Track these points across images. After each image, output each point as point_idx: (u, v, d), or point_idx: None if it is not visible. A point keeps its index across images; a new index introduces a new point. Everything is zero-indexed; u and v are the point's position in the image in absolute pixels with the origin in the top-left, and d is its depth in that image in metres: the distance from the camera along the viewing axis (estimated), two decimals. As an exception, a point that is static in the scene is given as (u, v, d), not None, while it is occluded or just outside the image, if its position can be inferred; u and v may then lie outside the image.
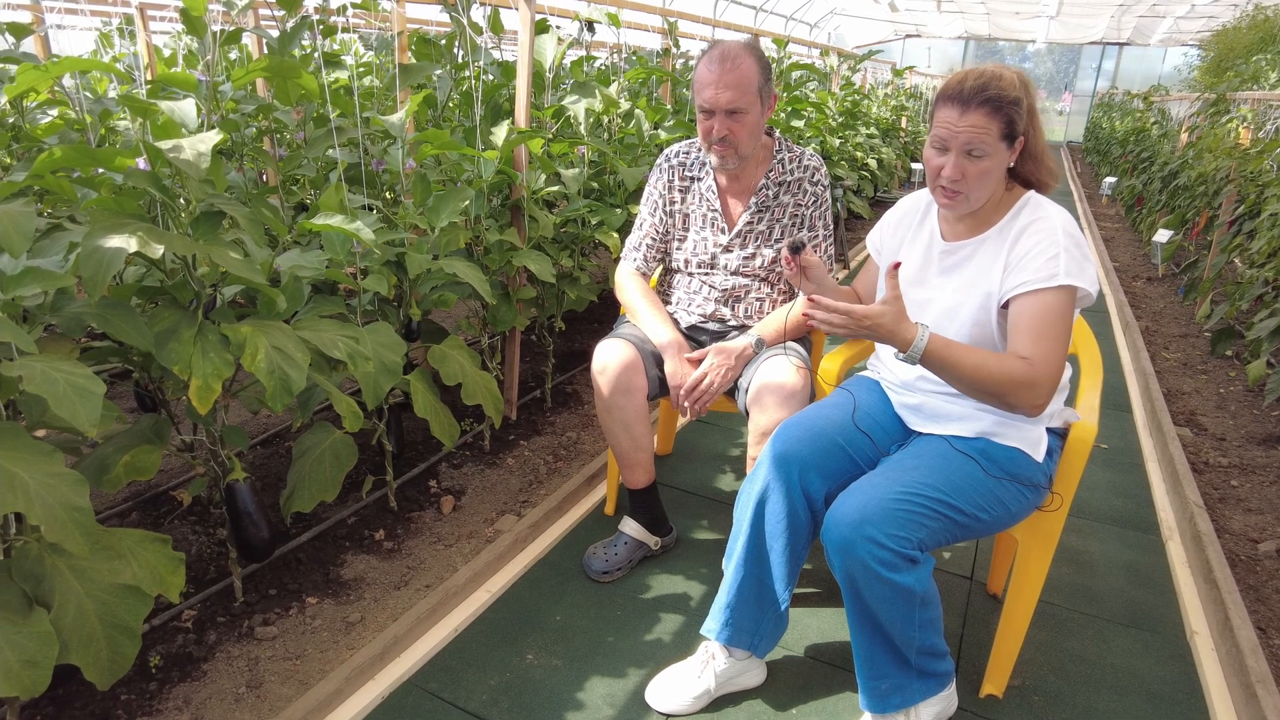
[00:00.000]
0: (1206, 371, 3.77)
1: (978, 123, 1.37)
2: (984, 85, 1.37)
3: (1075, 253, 1.39)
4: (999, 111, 1.37)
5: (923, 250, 1.61)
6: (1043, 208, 1.46)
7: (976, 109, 1.37)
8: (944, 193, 1.45)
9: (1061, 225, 1.41)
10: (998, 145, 1.39)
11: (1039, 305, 1.38)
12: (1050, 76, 25.87)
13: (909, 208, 1.69)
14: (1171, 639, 1.89)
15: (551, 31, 2.70)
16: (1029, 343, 1.37)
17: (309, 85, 1.78)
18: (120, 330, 1.38)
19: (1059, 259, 1.37)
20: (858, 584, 1.36)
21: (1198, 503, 2.40)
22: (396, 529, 2.18)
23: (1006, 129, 1.38)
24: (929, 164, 1.45)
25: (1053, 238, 1.40)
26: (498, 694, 1.64)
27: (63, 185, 1.41)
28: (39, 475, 1.15)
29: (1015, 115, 1.38)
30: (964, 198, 1.43)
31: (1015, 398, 1.36)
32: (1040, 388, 1.35)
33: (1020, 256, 1.42)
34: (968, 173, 1.40)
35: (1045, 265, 1.38)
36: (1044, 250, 1.39)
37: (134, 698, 1.57)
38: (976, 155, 1.39)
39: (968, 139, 1.38)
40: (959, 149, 1.39)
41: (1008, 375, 1.35)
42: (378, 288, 1.91)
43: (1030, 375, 1.35)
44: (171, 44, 4.72)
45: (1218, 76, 11.53)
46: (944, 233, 1.58)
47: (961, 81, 1.39)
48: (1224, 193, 4.80)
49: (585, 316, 4.06)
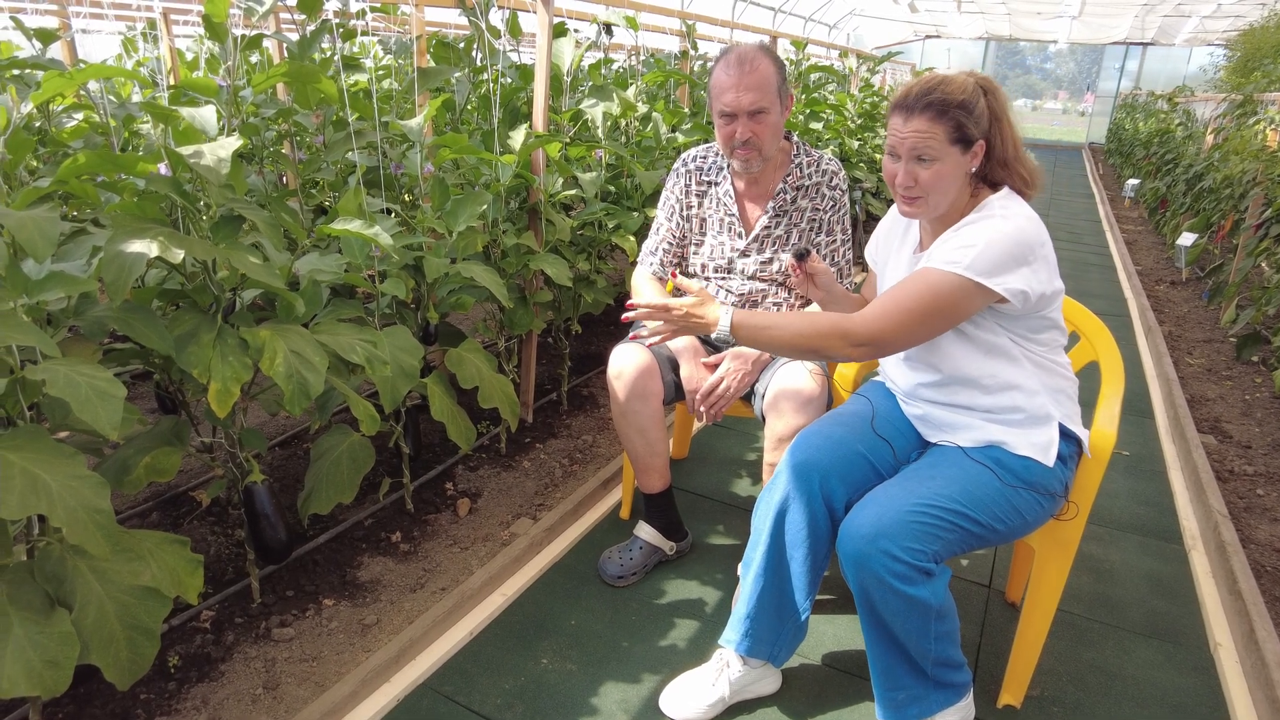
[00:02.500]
0: (1231, 378, 3.71)
1: (920, 127, 1.37)
2: (928, 90, 1.37)
3: (997, 251, 1.33)
4: (944, 115, 1.36)
5: (907, 260, 1.59)
6: (992, 206, 1.42)
7: (920, 114, 1.37)
8: (902, 199, 1.45)
9: (1007, 225, 1.36)
10: (947, 149, 1.37)
11: (920, 278, 1.37)
12: (1072, 77, 25.62)
13: (897, 217, 1.68)
14: (1194, 650, 1.86)
15: (569, 35, 2.70)
16: (877, 302, 1.39)
17: (328, 89, 1.80)
18: (141, 334, 1.39)
19: (971, 250, 1.34)
20: (873, 597, 1.35)
21: (1222, 512, 2.36)
22: (413, 531, 2.19)
23: (955, 132, 1.37)
24: (885, 172, 1.45)
25: (982, 233, 1.36)
26: (512, 698, 1.65)
27: (87, 189, 1.43)
28: (61, 478, 1.16)
29: (963, 119, 1.36)
30: (923, 201, 1.42)
31: (829, 347, 1.38)
32: (854, 334, 1.36)
33: (943, 240, 1.41)
34: (919, 178, 1.39)
35: (954, 251, 1.35)
36: (963, 239, 1.37)
37: (153, 697, 1.58)
38: (925, 160, 1.38)
39: (913, 144, 1.38)
40: (907, 155, 1.39)
41: (816, 329, 1.39)
42: (395, 291, 1.92)
43: (842, 326, 1.37)
44: (194, 48, 4.76)
45: (1244, 77, 11.37)
46: (922, 240, 1.57)
47: (908, 90, 1.40)
48: (1251, 195, 4.72)
49: (601, 319, 4.06)
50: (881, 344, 1.38)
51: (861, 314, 1.38)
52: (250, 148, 2.44)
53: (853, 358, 1.40)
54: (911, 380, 1.58)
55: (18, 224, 1.15)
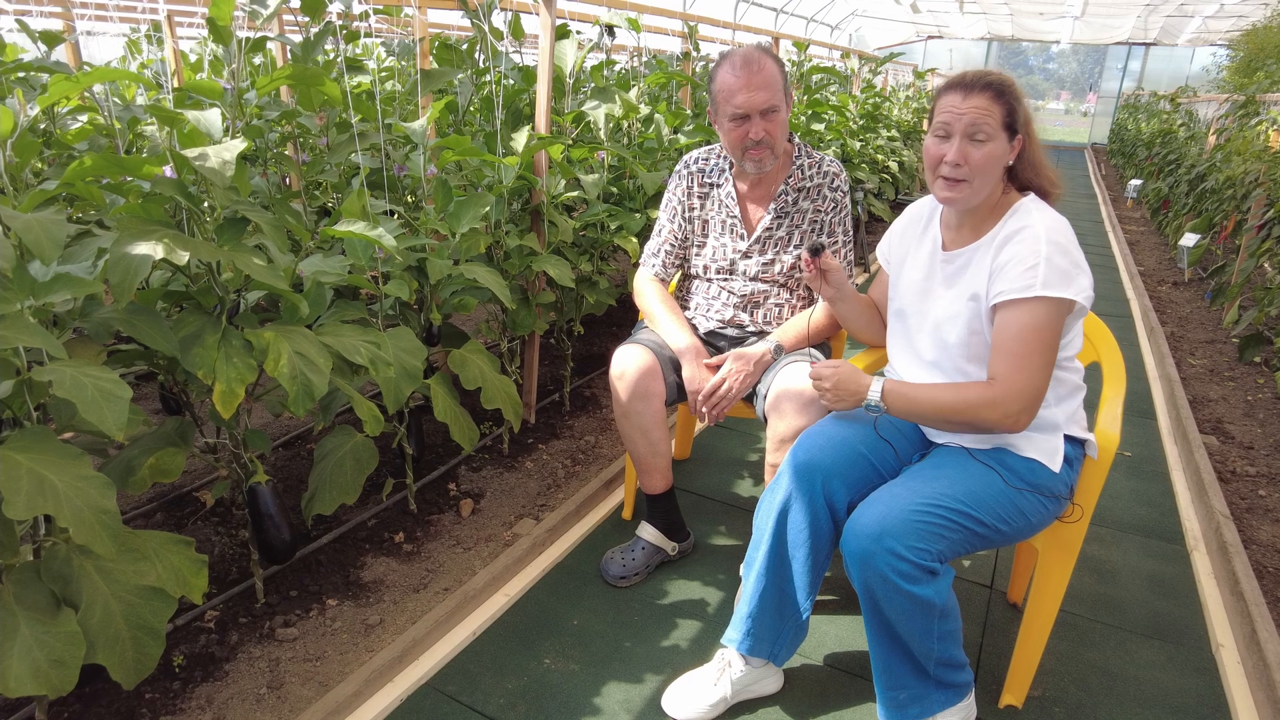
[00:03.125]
0: (1234, 378, 3.71)
1: (981, 104, 1.39)
2: (985, 74, 1.43)
3: (1059, 261, 1.37)
4: (1001, 97, 1.40)
5: (926, 260, 1.60)
6: (1031, 214, 1.43)
7: (980, 92, 1.40)
8: (945, 183, 1.44)
9: (1046, 233, 1.39)
10: (999, 133, 1.40)
11: (1013, 319, 1.38)
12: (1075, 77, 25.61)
13: (913, 216, 1.68)
14: (1196, 651, 1.87)
15: (572, 36, 2.71)
16: (997, 359, 1.39)
17: (332, 92, 1.80)
18: (146, 335, 1.40)
19: (1038, 269, 1.36)
20: (876, 596, 1.35)
21: (1224, 512, 2.37)
22: (416, 532, 2.19)
23: (1008, 117, 1.40)
24: (929, 155, 1.45)
25: (1034, 246, 1.38)
26: (515, 698, 1.65)
27: (92, 192, 1.44)
28: (68, 478, 1.17)
29: (1015, 105, 1.41)
30: (967, 185, 1.42)
31: (982, 419, 1.39)
32: (1005, 404, 1.37)
33: (1003, 264, 1.41)
34: (971, 157, 1.40)
35: (1023, 275, 1.37)
36: (1024, 259, 1.38)
37: (158, 696, 1.59)
38: (980, 139, 1.40)
39: (972, 119, 1.39)
40: (963, 132, 1.40)
41: (965, 402, 1.40)
42: (399, 293, 1.92)
43: (988, 395, 1.37)
44: (198, 49, 4.78)
45: (1247, 77, 11.35)
46: (945, 241, 1.57)
47: (962, 74, 1.44)
48: (1253, 196, 4.72)
49: (604, 320, 4.07)
50: (1034, 399, 1.38)
51: (996, 382, 1.38)
52: (254, 150, 2.45)
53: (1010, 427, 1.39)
54: (926, 382, 1.58)
55: (24, 226, 1.16)
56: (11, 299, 1.20)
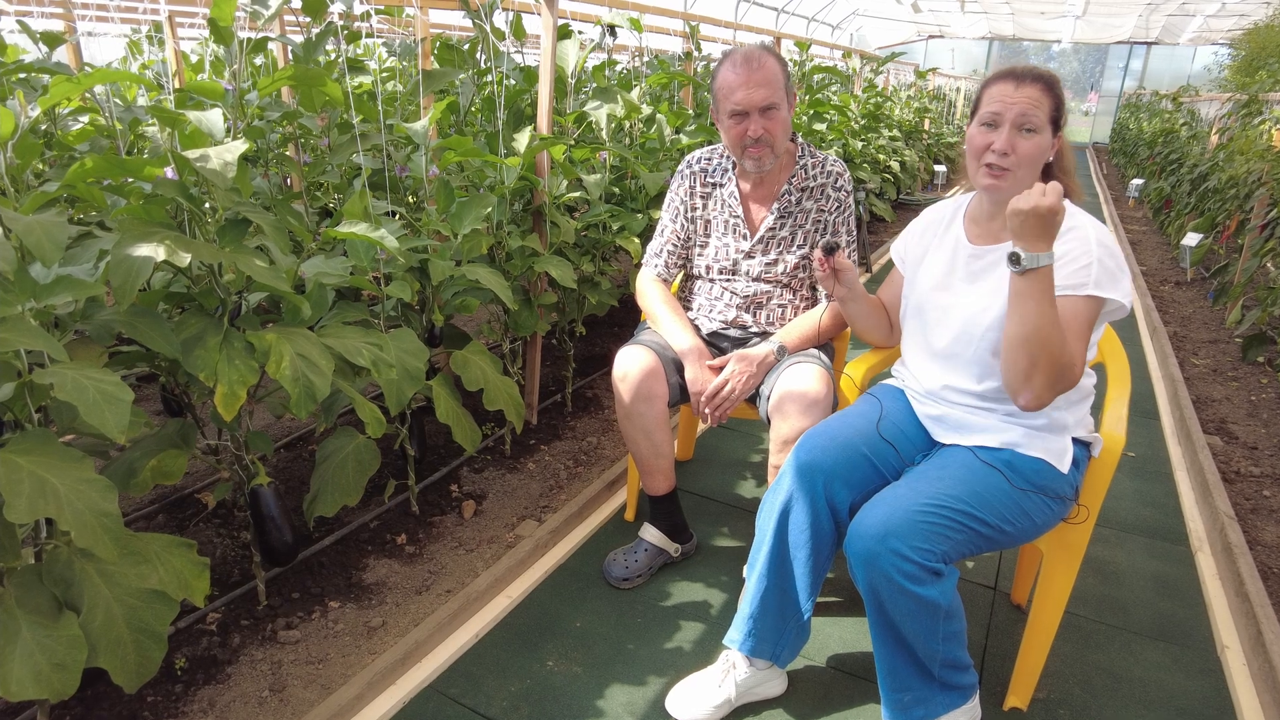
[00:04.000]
0: (1237, 378, 3.70)
1: (1033, 95, 1.40)
2: (1035, 67, 1.44)
3: (1109, 264, 1.38)
4: (1051, 90, 1.41)
5: (948, 255, 1.59)
6: (1075, 216, 1.44)
7: (1032, 83, 1.41)
8: (990, 171, 1.44)
9: (1096, 235, 1.40)
10: (1046, 126, 1.41)
11: (1069, 309, 1.37)
12: (1076, 77, 25.59)
13: (935, 216, 1.68)
14: (1201, 653, 1.86)
15: (573, 37, 2.70)
16: (1070, 340, 1.36)
17: (333, 92, 1.80)
18: (148, 337, 1.40)
19: (1091, 268, 1.37)
20: (881, 597, 1.35)
21: (1229, 513, 2.36)
22: (418, 533, 2.19)
23: (1054, 111, 1.42)
24: (974, 144, 1.45)
25: (1085, 246, 1.39)
26: (518, 700, 1.65)
27: (94, 193, 1.43)
28: (69, 481, 1.16)
29: (1061, 100, 1.43)
30: (1011, 175, 1.43)
31: (1045, 377, 1.33)
32: (1067, 387, 1.36)
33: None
34: (1019, 147, 1.41)
35: (1076, 274, 1.37)
36: (1076, 258, 1.38)
37: (160, 699, 1.59)
38: (1029, 130, 1.40)
39: (1022, 109, 1.39)
40: (1012, 121, 1.40)
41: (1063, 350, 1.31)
42: (401, 294, 1.92)
43: (1073, 367, 1.35)
44: (199, 50, 4.78)
45: (1249, 76, 11.34)
46: (971, 236, 1.57)
47: (1013, 66, 1.45)
48: (1256, 196, 4.71)
49: (606, 321, 4.07)
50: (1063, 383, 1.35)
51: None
52: (256, 151, 2.44)
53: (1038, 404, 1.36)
54: (940, 382, 1.57)
55: (26, 229, 1.16)
56: (13, 301, 1.20)
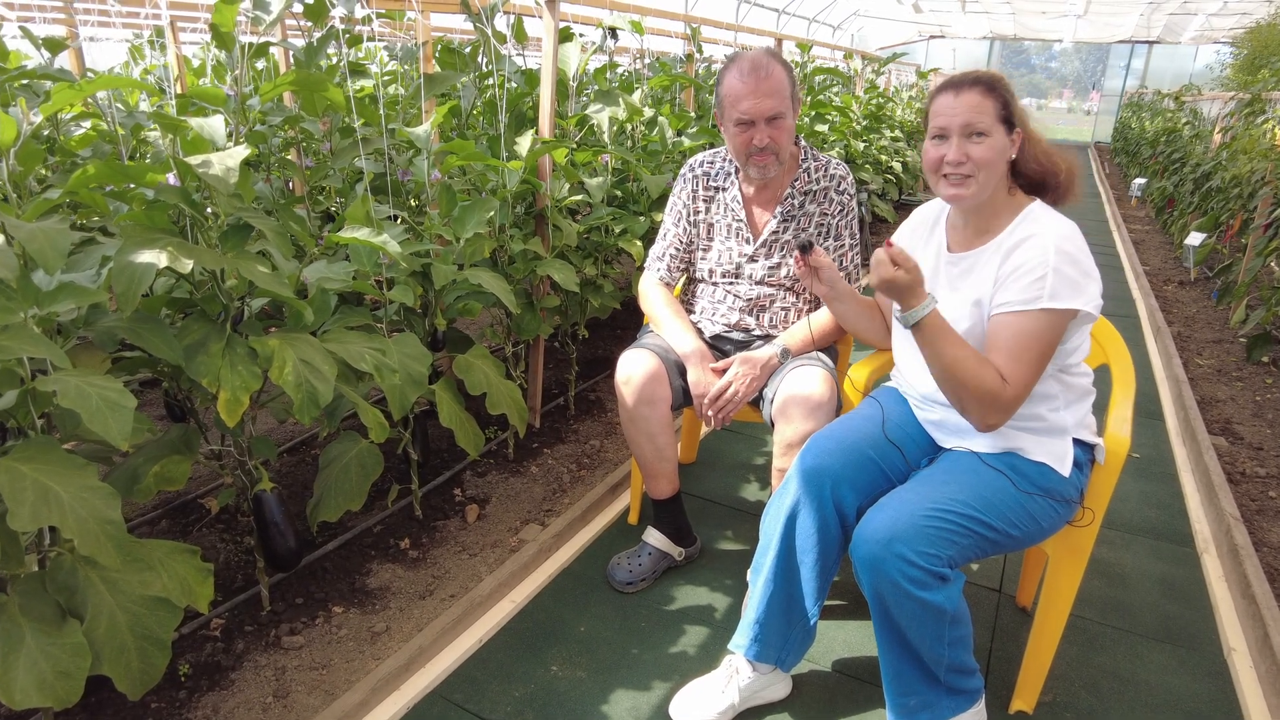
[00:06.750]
0: (1242, 378, 3.69)
1: (973, 101, 1.40)
2: (973, 72, 1.44)
3: (1069, 272, 1.35)
4: (992, 91, 1.41)
5: (932, 261, 1.59)
6: (1040, 221, 1.42)
7: (970, 89, 1.41)
8: (949, 182, 1.44)
9: (1055, 242, 1.37)
10: (997, 126, 1.40)
11: (1018, 326, 1.36)
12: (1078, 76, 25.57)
13: (921, 218, 1.68)
14: (1208, 655, 1.85)
15: (575, 39, 2.70)
16: (1005, 360, 1.36)
17: (335, 97, 1.80)
18: (151, 343, 1.39)
19: (1045, 280, 1.34)
20: (887, 602, 1.34)
21: (1234, 514, 2.35)
22: (422, 538, 2.19)
23: (1002, 110, 1.41)
24: (928, 159, 1.45)
25: (1043, 256, 1.36)
26: (522, 705, 1.64)
27: (96, 200, 1.43)
28: (73, 489, 1.16)
29: (1007, 98, 1.42)
30: (973, 181, 1.41)
31: (976, 408, 1.36)
32: (1005, 410, 1.36)
33: (1009, 273, 1.39)
34: (972, 154, 1.40)
35: (1030, 287, 1.35)
36: (1030, 270, 1.36)
37: (164, 706, 1.59)
38: (978, 135, 1.40)
39: (966, 118, 1.39)
40: (959, 131, 1.40)
41: (980, 382, 1.34)
42: (403, 298, 1.92)
43: (1000, 393, 1.34)
44: (201, 54, 4.78)
45: (1252, 75, 11.30)
46: (951, 243, 1.56)
47: (950, 76, 1.46)
48: (1260, 195, 4.70)
49: (608, 323, 4.06)
50: (1018, 405, 1.37)
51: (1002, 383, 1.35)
52: (258, 155, 2.44)
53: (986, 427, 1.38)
54: (932, 386, 1.57)
55: (29, 236, 1.16)
56: (15, 308, 1.20)
